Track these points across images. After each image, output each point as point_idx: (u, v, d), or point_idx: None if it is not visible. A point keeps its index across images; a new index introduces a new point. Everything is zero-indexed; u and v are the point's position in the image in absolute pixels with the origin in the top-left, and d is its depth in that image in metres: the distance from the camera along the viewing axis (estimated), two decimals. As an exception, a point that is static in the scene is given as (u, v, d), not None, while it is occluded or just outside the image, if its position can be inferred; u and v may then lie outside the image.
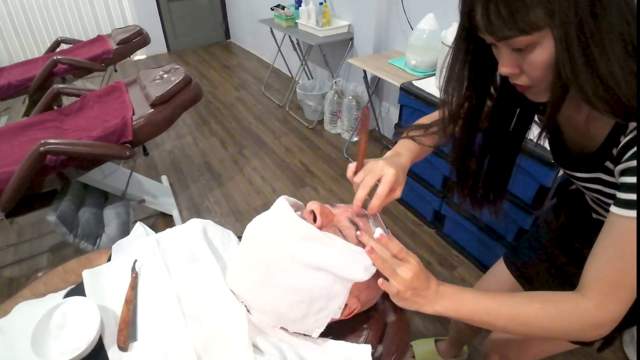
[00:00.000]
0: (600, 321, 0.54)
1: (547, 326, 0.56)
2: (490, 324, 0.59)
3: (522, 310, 0.57)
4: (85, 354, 0.54)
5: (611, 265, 0.53)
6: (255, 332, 0.60)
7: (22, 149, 1.60)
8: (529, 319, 0.56)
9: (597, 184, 0.62)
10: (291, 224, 0.60)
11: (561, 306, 0.55)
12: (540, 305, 0.56)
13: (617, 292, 0.53)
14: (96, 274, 0.68)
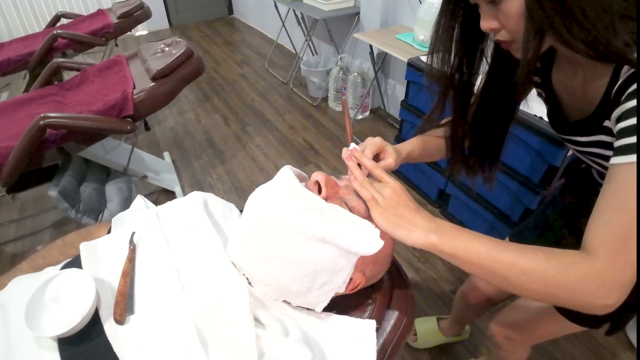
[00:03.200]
0: (607, 282, 0.47)
1: (550, 279, 0.48)
2: (488, 270, 0.51)
3: (526, 258, 0.49)
4: (80, 327, 0.53)
5: (615, 219, 0.48)
6: (257, 306, 0.58)
7: (22, 123, 1.57)
8: (531, 268, 0.49)
9: (598, 147, 0.60)
10: (295, 194, 0.58)
11: (567, 259, 0.49)
12: (544, 255, 0.49)
13: (624, 248, 0.47)
14: (94, 246, 0.66)
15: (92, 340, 0.53)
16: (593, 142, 0.60)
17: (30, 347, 0.53)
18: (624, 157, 0.47)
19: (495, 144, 0.77)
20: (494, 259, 0.50)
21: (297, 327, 0.59)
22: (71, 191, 1.60)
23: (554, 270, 0.48)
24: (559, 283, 0.48)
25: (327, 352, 0.59)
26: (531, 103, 1.45)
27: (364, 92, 2.60)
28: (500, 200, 1.66)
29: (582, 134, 0.61)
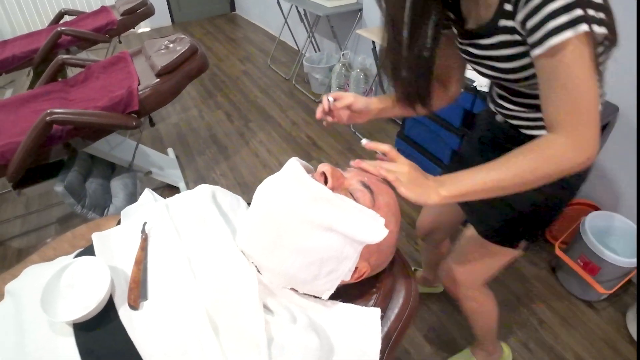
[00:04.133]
0: (577, 146, 0.59)
1: (537, 169, 0.60)
2: (492, 190, 0.62)
3: (513, 166, 0.61)
4: (96, 313, 0.55)
5: (561, 97, 0.59)
6: (266, 293, 0.60)
7: (27, 119, 1.59)
8: (521, 170, 0.61)
9: (499, 48, 0.68)
10: (302, 184, 0.60)
11: (541, 147, 0.61)
12: (523, 155, 0.61)
13: (579, 117, 0.59)
14: (105, 236, 0.68)
15: (106, 325, 0.54)
16: (495, 44, 0.69)
17: (45, 333, 0.54)
18: (540, 48, 0.58)
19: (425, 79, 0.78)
20: (492, 179, 0.61)
21: (304, 314, 0.61)
22: (77, 186, 1.62)
23: (536, 161, 0.60)
24: (544, 167, 0.60)
25: (333, 339, 0.60)
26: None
27: (366, 88, 2.61)
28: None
29: (484, 37, 0.70)
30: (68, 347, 0.52)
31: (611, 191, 1.63)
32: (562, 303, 1.57)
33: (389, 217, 0.64)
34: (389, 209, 0.65)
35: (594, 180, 1.68)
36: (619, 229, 1.53)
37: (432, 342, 1.45)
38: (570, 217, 1.67)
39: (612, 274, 1.44)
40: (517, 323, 1.50)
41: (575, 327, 1.48)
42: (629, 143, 1.50)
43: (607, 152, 1.59)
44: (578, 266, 1.50)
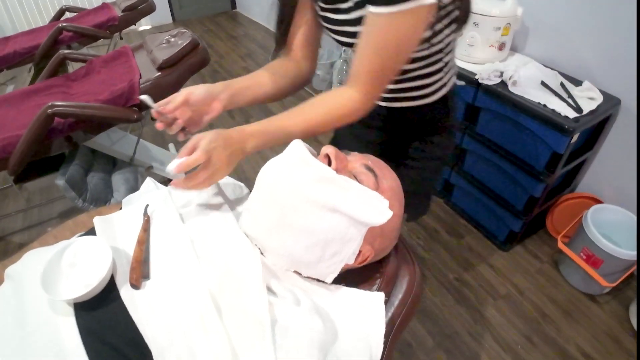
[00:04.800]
0: (368, 105, 0.68)
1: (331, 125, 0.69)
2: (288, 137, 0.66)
3: (312, 119, 0.68)
4: (97, 292, 0.54)
5: (373, 60, 0.64)
6: (269, 275, 0.59)
7: (29, 113, 1.59)
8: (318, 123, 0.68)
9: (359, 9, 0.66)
10: (307, 165, 0.59)
11: (340, 110, 0.68)
12: (322, 110, 0.68)
13: (378, 81, 0.66)
14: (107, 219, 0.68)
15: (107, 305, 0.54)
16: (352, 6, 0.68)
17: (46, 314, 0.53)
18: (376, 7, 0.58)
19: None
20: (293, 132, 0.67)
21: (308, 297, 0.60)
22: (78, 180, 1.62)
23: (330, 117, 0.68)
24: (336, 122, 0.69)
25: (337, 323, 0.60)
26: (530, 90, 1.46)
27: (367, 84, 2.60)
28: (504, 189, 1.67)
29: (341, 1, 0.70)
30: (68, 327, 0.51)
31: (613, 184, 1.62)
32: (565, 297, 1.56)
33: (393, 201, 0.63)
34: (393, 193, 0.64)
35: (596, 174, 1.68)
36: (622, 222, 1.53)
37: (434, 335, 1.45)
38: (573, 210, 1.66)
39: (615, 267, 1.43)
40: (520, 316, 1.49)
41: (578, 321, 1.48)
42: (631, 136, 1.49)
43: (609, 144, 1.58)
44: (581, 259, 1.50)
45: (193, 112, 0.72)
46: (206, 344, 0.49)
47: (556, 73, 1.55)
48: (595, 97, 1.42)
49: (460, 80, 1.62)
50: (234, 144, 0.63)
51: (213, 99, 0.73)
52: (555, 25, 1.60)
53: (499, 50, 1.61)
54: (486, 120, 1.62)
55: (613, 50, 1.45)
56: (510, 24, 1.55)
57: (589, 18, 1.48)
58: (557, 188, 1.72)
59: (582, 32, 1.52)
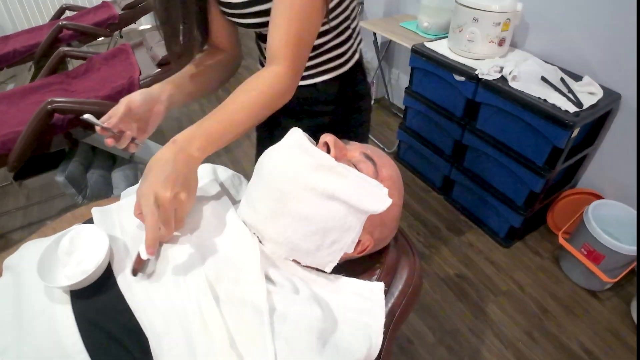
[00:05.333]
0: (295, 79, 0.67)
1: (266, 102, 0.65)
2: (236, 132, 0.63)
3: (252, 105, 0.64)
4: (94, 279, 0.54)
5: (288, 29, 0.64)
6: (268, 264, 0.59)
7: (29, 110, 1.59)
8: (256, 106, 0.64)
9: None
10: (305, 152, 0.59)
11: (273, 88, 0.65)
12: (255, 93, 0.64)
13: (298, 51, 0.66)
14: (106, 210, 0.67)
15: (104, 292, 0.53)
16: None
17: (42, 302, 0.53)
18: None
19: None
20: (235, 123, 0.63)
21: (307, 287, 0.60)
22: (78, 177, 1.62)
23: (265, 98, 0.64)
24: (266, 98, 0.65)
25: (336, 312, 0.60)
26: (530, 85, 1.46)
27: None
28: (504, 184, 1.67)
29: None
30: (65, 314, 0.51)
31: (614, 180, 1.62)
32: (566, 293, 1.56)
33: (393, 190, 0.63)
34: (392, 182, 0.64)
35: (596, 169, 1.67)
36: (623, 218, 1.52)
37: (434, 331, 1.44)
38: (573, 206, 1.66)
39: (616, 262, 1.43)
40: (521, 312, 1.49)
41: (579, 317, 1.47)
42: (631, 131, 1.49)
43: (610, 140, 1.58)
44: (582, 255, 1.49)
45: (137, 120, 0.70)
46: (204, 332, 0.49)
47: (556, 68, 1.54)
48: (596, 92, 1.42)
49: (460, 75, 1.62)
50: (170, 167, 0.55)
51: (154, 103, 0.71)
52: (555, 20, 1.60)
53: (498, 45, 1.61)
54: (486, 115, 1.62)
55: (613, 46, 1.44)
56: (510, 20, 1.54)
57: (589, 13, 1.48)
58: (557, 184, 1.71)
59: (582, 27, 1.52)
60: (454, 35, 1.68)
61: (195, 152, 0.59)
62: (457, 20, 1.64)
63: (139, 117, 0.70)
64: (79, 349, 0.48)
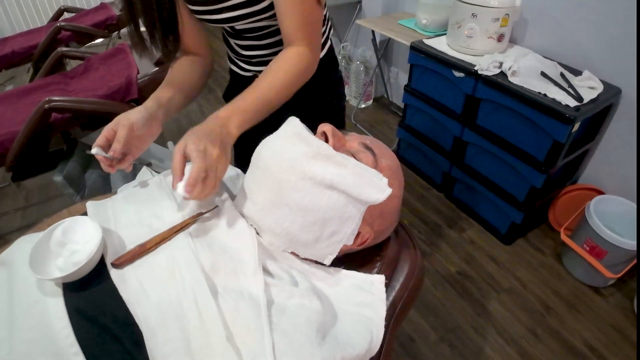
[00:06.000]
0: (314, 56, 0.73)
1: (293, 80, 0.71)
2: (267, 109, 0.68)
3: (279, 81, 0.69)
4: (86, 271, 0.53)
5: (299, 10, 0.68)
6: (266, 256, 0.58)
7: (26, 110, 1.58)
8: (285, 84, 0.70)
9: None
10: (303, 141, 0.58)
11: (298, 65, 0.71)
12: (282, 72, 0.70)
13: (313, 29, 0.71)
14: (101, 203, 0.67)
15: (97, 285, 0.52)
16: None
17: (34, 295, 0.52)
18: None
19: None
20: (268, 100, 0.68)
21: (306, 279, 0.59)
22: (76, 177, 1.61)
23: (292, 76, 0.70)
24: (299, 78, 0.72)
25: (336, 306, 0.59)
26: (530, 80, 1.45)
27: (366, 80, 2.59)
28: (505, 180, 1.66)
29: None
30: (57, 307, 0.50)
31: (615, 175, 1.60)
32: (569, 289, 1.54)
33: (392, 180, 0.62)
34: (392, 172, 0.63)
35: (597, 165, 1.66)
36: (624, 213, 1.51)
37: (436, 329, 1.43)
38: (574, 202, 1.65)
39: (619, 257, 1.41)
40: (523, 309, 1.47)
41: (582, 313, 1.46)
42: (632, 126, 1.48)
43: (610, 134, 1.57)
44: (584, 251, 1.48)
45: (137, 140, 0.69)
46: (200, 325, 0.48)
47: (556, 64, 1.53)
48: (596, 86, 1.41)
49: (459, 71, 1.61)
50: (217, 133, 0.59)
51: (153, 120, 0.70)
52: (554, 15, 1.59)
53: (497, 41, 1.60)
54: (486, 111, 1.61)
55: (613, 40, 1.44)
56: (509, 15, 1.53)
57: (588, 8, 1.47)
58: (558, 180, 1.70)
59: (581, 22, 1.51)
60: (453, 31, 1.67)
61: (234, 130, 0.63)
62: (456, 17, 1.63)
63: (139, 137, 0.69)
64: (70, 342, 0.47)
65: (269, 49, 0.85)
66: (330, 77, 0.94)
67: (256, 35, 0.82)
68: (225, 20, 0.76)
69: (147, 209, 0.63)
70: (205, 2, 0.73)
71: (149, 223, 0.60)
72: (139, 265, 0.54)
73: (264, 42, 0.82)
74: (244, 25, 0.78)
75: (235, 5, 0.72)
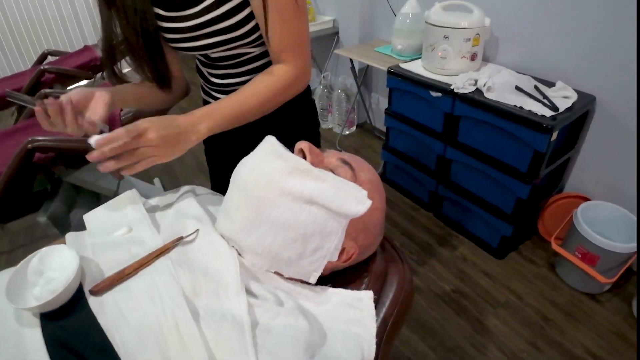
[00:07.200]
0: (303, 73, 0.76)
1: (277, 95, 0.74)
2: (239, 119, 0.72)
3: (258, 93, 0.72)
4: (64, 299, 0.51)
5: (286, 28, 0.69)
6: (249, 277, 0.57)
7: (9, 152, 1.56)
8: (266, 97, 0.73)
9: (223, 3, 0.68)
10: (280, 157, 0.58)
11: (275, 78, 0.73)
12: (264, 85, 0.73)
13: (301, 46, 0.73)
14: (79, 234, 0.65)
15: (74, 314, 0.51)
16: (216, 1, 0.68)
17: (11, 326, 0.50)
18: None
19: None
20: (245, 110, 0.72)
21: (292, 299, 0.58)
22: (61, 217, 1.58)
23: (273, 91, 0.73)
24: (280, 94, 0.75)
25: (324, 325, 0.57)
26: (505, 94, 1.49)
27: (348, 107, 2.65)
28: (491, 194, 1.67)
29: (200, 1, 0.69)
30: (33, 337, 0.48)
31: (599, 180, 1.63)
32: (566, 298, 1.53)
33: (373, 193, 0.62)
34: (372, 185, 0.63)
35: (581, 172, 1.69)
36: (612, 217, 1.53)
37: (435, 349, 1.39)
38: (562, 211, 1.66)
39: (612, 261, 1.42)
40: (522, 323, 1.45)
41: (581, 321, 1.44)
42: (609, 131, 1.52)
43: (590, 142, 1.61)
44: (576, 258, 1.48)
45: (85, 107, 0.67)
46: (181, 349, 0.46)
47: (529, 77, 1.59)
48: (570, 95, 1.45)
49: (436, 91, 1.65)
50: (177, 125, 0.64)
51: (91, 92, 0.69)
52: (523, 32, 1.66)
53: (471, 60, 1.65)
54: (466, 128, 1.64)
55: (582, 49, 1.50)
56: (479, 35, 1.60)
57: (554, 21, 1.54)
58: (544, 190, 1.72)
59: (549, 35, 1.58)
60: (427, 54, 1.73)
61: (203, 129, 0.67)
62: (429, 40, 1.69)
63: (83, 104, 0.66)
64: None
65: (245, 77, 0.84)
66: (304, 103, 0.94)
67: (231, 63, 0.82)
68: (201, 48, 0.76)
69: (125, 235, 0.62)
70: (181, 30, 0.73)
71: (128, 249, 0.59)
72: (118, 291, 0.52)
73: (240, 69, 0.82)
74: (220, 53, 0.79)
75: (212, 32, 0.72)
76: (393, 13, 2.20)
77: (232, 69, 0.83)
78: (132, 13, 0.70)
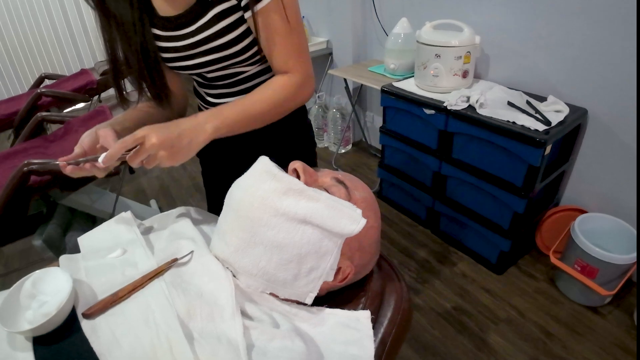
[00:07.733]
0: (307, 83, 0.76)
1: (281, 103, 0.75)
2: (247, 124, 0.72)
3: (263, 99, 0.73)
4: (57, 323, 0.50)
5: (283, 43, 0.71)
6: (244, 299, 0.56)
7: (6, 175, 1.56)
8: (272, 102, 0.74)
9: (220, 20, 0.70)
10: (273, 177, 0.58)
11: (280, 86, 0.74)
12: (271, 91, 0.74)
13: (302, 57, 0.74)
14: (73, 256, 0.65)
15: (67, 338, 0.50)
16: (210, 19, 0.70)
17: (3, 350, 0.49)
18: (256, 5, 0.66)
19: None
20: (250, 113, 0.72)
21: (288, 321, 0.57)
22: (56, 240, 1.57)
23: (279, 97, 0.74)
24: (286, 101, 0.75)
25: (321, 347, 0.56)
26: (497, 110, 1.50)
27: (343, 126, 2.67)
28: (488, 210, 1.67)
29: (195, 20, 0.71)
30: None
31: (595, 193, 1.64)
32: (567, 312, 1.52)
33: (367, 211, 0.62)
34: (366, 204, 0.63)
35: (576, 185, 1.70)
36: (609, 229, 1.53)
37: (438, 367, 1.37)
38: (559, 224, 1.66)
39: (611, 273, 1.41)
40: (524, 339, 1.43)
41: (583, 335, 1.42)
42: (602, 143, 1.54)
43: (584, 155, 1.62)
44: (576, 271, 1.47)
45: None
46: None
47: (521, 93, 1.61)
48: (562, 109, 1.47)
49: (429, 109, 1.67)
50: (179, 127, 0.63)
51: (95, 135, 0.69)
52: (513, 48, 1.69)
53: (462, 77, 1.68)
54: (460, 144, 1.65)
55: (572, 63, 1.52)
56: (470, 52, 1.63)
57: (544, 37, 1.57)
58: (540, 204, 1.73)
59: (539, 50, 1.61)
60: (420, 72, 1.76)
61: (209, 128, 0.66)
62: (421, 59, 1.72)
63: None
64: None
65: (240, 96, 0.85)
66: (301, 124, 0.95)
67: (227, 82, 0.83)
68: (197, 66, 0.77)
69: (119, 257, 0.61)
70: (177, 50, 0.74)
71: (122, 271, 0.58)
72: (111, 315, 0.51)
73: (235, 89, 0.84)
74: (216, 72, 0.81)
75: (208, 50, 0.73)
76: (385, 33, 2.24)
77: (227, 89, 0.84)
78: (132, 34, 0.71)
